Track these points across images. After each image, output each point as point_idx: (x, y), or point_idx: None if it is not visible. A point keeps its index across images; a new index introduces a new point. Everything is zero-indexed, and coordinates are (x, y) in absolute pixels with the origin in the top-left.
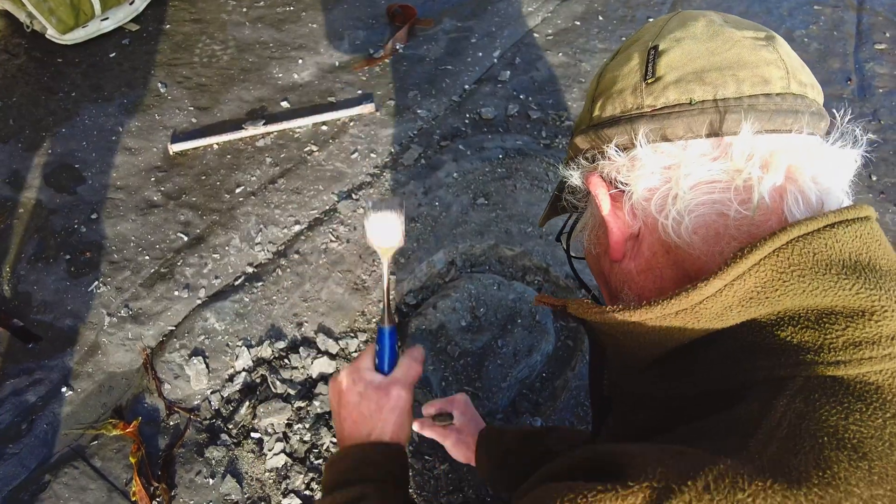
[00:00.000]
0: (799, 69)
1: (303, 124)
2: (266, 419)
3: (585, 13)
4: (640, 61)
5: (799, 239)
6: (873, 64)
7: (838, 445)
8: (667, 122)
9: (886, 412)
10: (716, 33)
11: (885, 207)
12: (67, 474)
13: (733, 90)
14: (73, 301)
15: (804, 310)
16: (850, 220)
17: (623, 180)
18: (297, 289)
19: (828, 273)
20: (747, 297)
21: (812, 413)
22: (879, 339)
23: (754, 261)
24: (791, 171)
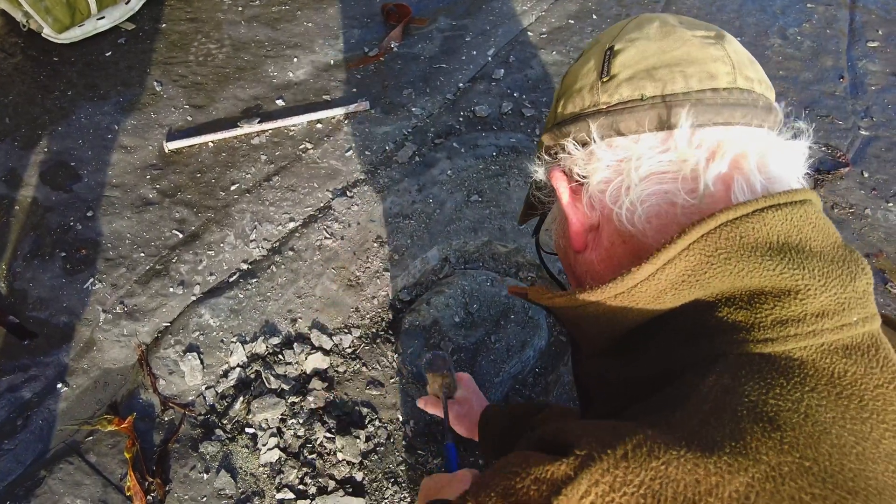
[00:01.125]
0: (746, 65)
1: (298, 122)
2: (260, 414)
3: (579, 12)
4: (597, 61)
5: (727, 224)
6: (866, 61)
7: (755, 418)
8: (619, 118)
9: (805, 386)
10: (668, 33)
11: (877, 204)
12: (63, 470)
13: (681, 86)
14: (69, 298)
15: (738, 291)
16: (782, 203)
17: (581, 173)
18: (292, 285)
19: (752, 255)
20: (679, 280)
21: (736, 388)
22: (804, 316)
23: (683, 245)
24: (737, 160)
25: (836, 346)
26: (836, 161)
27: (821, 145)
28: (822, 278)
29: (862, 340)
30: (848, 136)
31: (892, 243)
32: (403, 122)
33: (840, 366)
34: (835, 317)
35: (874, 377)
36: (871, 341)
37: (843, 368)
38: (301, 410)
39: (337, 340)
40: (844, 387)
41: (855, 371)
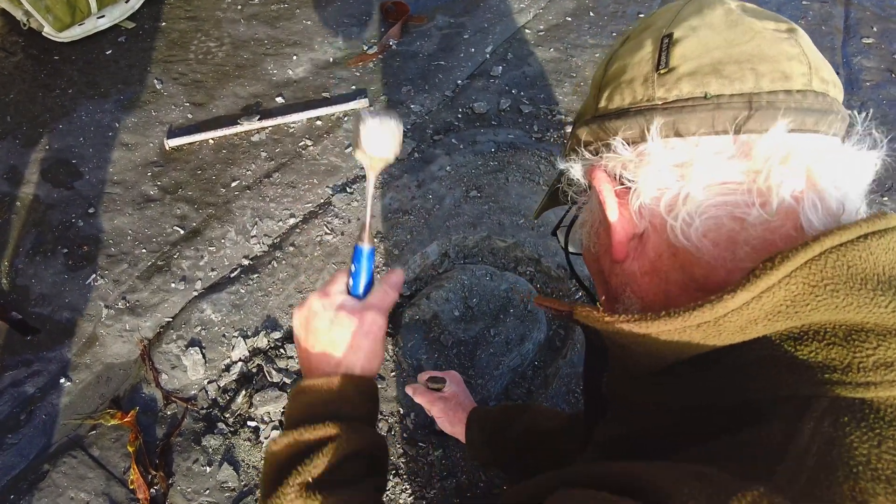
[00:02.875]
0: (821, 65)
1: (297, 119)
2: (262, 408)
3: (576, 9)
4: (652, 49)
5: (833, 250)
6: (861, 58)
7: (873, 476)
8: (679, 117)
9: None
10: (735, 22)
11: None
12: (66, 463)
13: (751, 85)
14: (71, 294)
15: (831, 325)
16: (882, 230)
17: (630, 177)
18: (293, 280)
19: (863, 288)
20: (775, 311)
21: (842, 439)
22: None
23: (785, 273)
24: (810, 174)
25: None
26: None
27: None
28: None
29: None
30: None
31: None
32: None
33: None
34: None
35: None
36: None
37: None
38: None
39: None
40: None
41: None
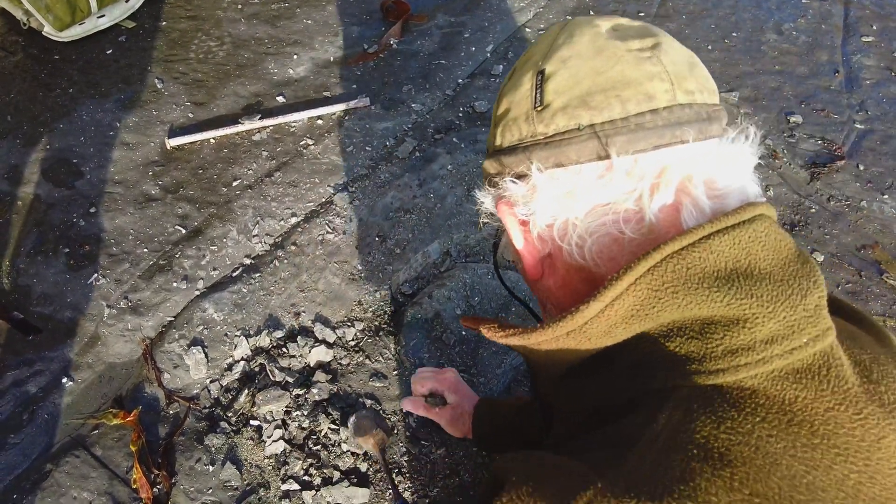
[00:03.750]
0: (685, 76)
1: (298, 118)
2: (265, 407)
3: (576, 8)
4: (530, 87)
5: (672, 255)
6: (860, 56)
7: (705, 456)
8: (558, 150)
9: (756, 416)
10: (600, 49)
11: (872, 196)
12: (69, 463)
13: (619, 111)
14: (73, 293)
15: (689, 321)
16: (729, 226)
17: (524, 210)
18: (295, 279)
19: (700, 287)
20: (628, 315)
21: (688, 424)
22: (754, 344)
23: (630, 281)
24: (683, 184)
25: (786, 371)
26: (831, 154)
27: (816, 139)
28: (770, 303)
29: (813, 361)
30: (843, 129)
31: (887, 234)
32: (403, 118)
33: (791, 392)
34: (784, 342)
35: (824, 400)
36: (822, 361)
37: (793, 394)
38: (305, 402)
39: (340, 333)
40: (795, 413)
41: (805, 396)
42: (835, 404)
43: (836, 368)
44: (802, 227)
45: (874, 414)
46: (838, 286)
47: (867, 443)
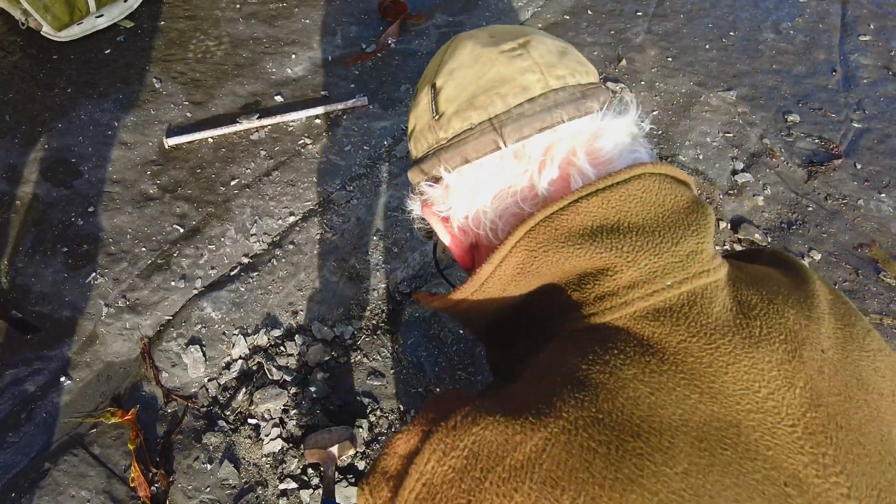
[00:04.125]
0: (555, 64)
1: (296, 118)
2: (262, 405)
3: (574, 7)
4: (427, 101)
5: (544, 220)
6: (858, 55)
7: (565, 382)
8: (459, 149)
9: (615, 349)
10: (478, 57)
11: (869, 195)
12: (67, 462)
13: (501, 106)
14: (71, 292)
15: (571, 275)
16: (600, 188)
17: (443, 208)
18: (292, 278)
19: (565, 245)
20: (515, 273)
21: (560, 358)
22: (617, 290)
23: (511, 245)
24: (568, 158)
25: (647, 311)
26: (829, 153)
27: (814, 138)
28: (630, 253)
29: (676, 301)
30: (841, 128)
31: (884, 233)
32: (401, 118)
33: (648, 329)
34: (645, 286)
35: (678, 334)
36: (687, 300)
37: (651, 331)
38: (303, 401)
39: (338, 332)
40: (651, 346)
41: (661, 331)
42: (687, 336)
43: (700, 306)
44: (800, 225)
45: (729, 343)
46: (835, 285)
47: (714, 368)
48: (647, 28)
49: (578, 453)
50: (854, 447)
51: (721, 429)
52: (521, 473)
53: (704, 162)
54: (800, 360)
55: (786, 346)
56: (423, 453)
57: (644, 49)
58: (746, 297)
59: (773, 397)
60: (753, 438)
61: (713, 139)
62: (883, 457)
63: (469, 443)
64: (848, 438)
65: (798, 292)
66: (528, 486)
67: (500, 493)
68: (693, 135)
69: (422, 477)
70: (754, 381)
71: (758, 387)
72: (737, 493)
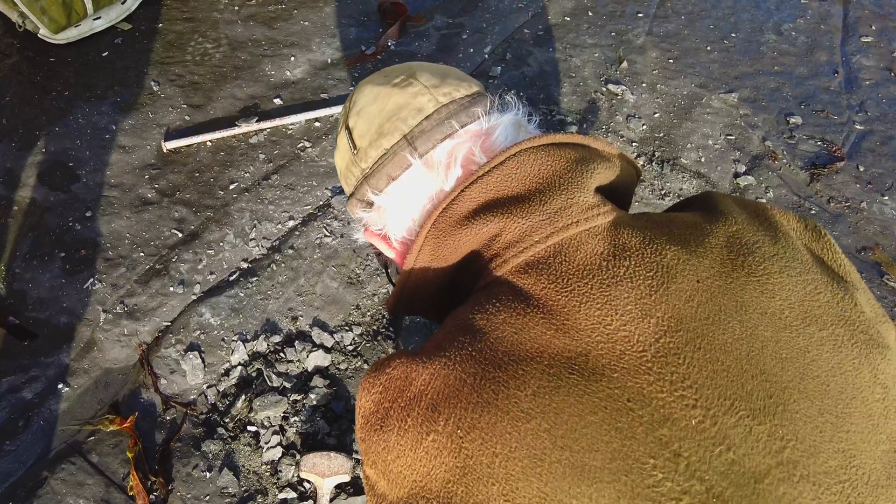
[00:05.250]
0: (439, 85)
1: (296, 121)
2: (262, 412)
3: (575, 9)
4: (346, 141)
5: (442, 212)
6: (860, 57)
7: (457, 329)
8: (381, 173)
9: (495, 299)
10: (377, 95)
11: (872, 197)
12: (65, 470)
13: (404, 128)
14: (69, 298)
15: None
16: (480, 176)
17: (379, 227)
18: (292, 283)
19: (456, 228)
20: (431, 258)
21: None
22: (500, 251)
23: (423, 236)
24: (468, 157)
25: (520, 266)
26: (831, 155)
27: (816, 140)
28: (503, 220)
29: (545, 254)
30: (843, 130)
31: (887, 236)
32: None
33: (521, 280)
34: (517, 245)
35: (541, 282)
36: (554, 251)
37: (522, 282)
38: (303, 408)
39: (338, 338)
40: (520, 294)
41: (529, 282)
42: (548, 284)
43: (563, 255)
44: None
45: (585, 286)
46: None
47: (568, 308)
48: (648, 29)
49: (453, 384)
50: (710, 364)
51: (571, 358)
52: (413, 402)
53: (706, 164)
54: (665, 292)
55: (651, 283)
56: (358, 393)
57: (645, 50)
58: (624, 241)
59: (625, 328)
60: (601, 364)
61: (715, 141)
62: (745, 369)
63: (383, 380)
64: (706, 357)
65: (691, 230)
66: (416, 412)
67: (399, 417)
68: (695, 137)
69: (360, 409)
70: (606, 315)
71: (609, 320)
72: (580, 409)
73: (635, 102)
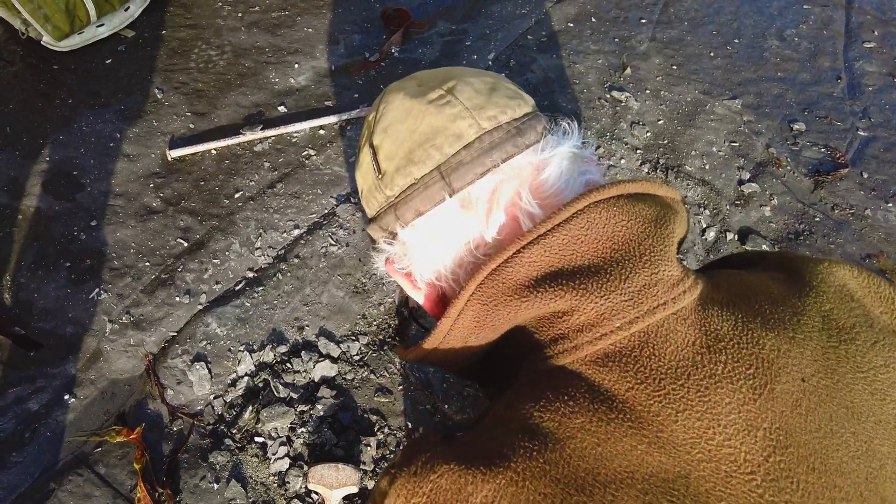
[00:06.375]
0: (484, 106)
1: (300, 129)
2: (269, 423)
3: (578, 15)
4: (369, 160)
5: (491, 274)
6: (863, 62)
7: (518, 430)
8: (409, 204)
9: (565, 396)
10: (408, 111)
11: (876, 204)
12: (72, 482)
13: (438, 157)
14: (74, 308)
15: (529, 320)
16: (541, 235)
17: (403, 264)
18: (298, 293)
19: (512, 298)
20: (473, 326)
21: (516, 403)
22: (568, 333)
23: (464, 300)
24: (514, 199)
25: (597, 355)
26: (835, 162)
27: (820, 146)
28: (576, 298)
29: (627, 343)
30: (846, 136)
31: (892, 244)
32: None
33: (597, 375)
34: (593, 329)
35: (626, 381)
36: (638, 341)
37: (600, 377)
38: (310, 418)
39: (344, 348)
40: (599, 393)
41: (609, 378)
42: (635, 384)
43: (652, 347)
44: (807, 236)
45: (681, 389)
46: None
47: (662, 417)
48: (652, 35)
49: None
50: (828, 490)
51: (668, 480)
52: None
53: (711, 172)
54: (769, 396)
55: (753, 382)
56: (389, 497)
57: (649, 57)
58: (716, 326)
59: (729, 444)
60: (704, 489)
61: (719, 148)
62: (865, 497)
63: (427, 490)
64: (821, 482)
65: (785, 306)
66: None
67: None
68: (699, 144)
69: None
70: (707, 427)
71: (711, 434)
72: None
73: (639, 109)
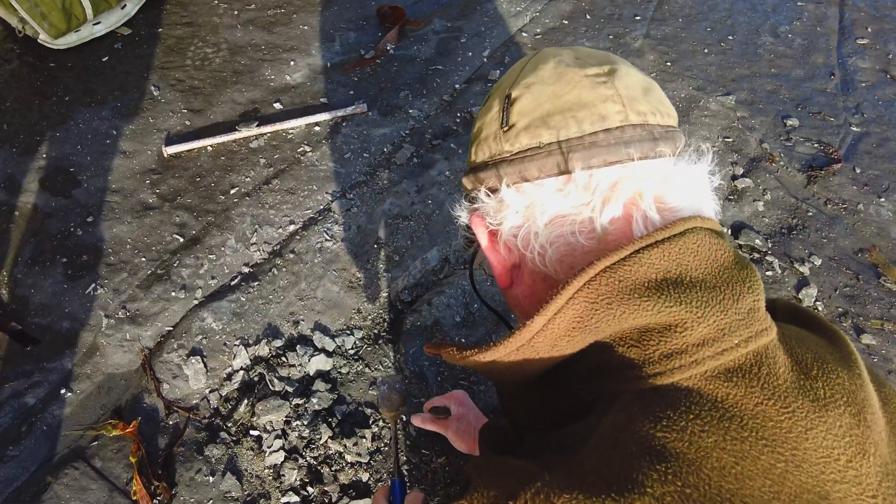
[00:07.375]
0: (638, 99)
1: (296, 125)
2: (265, 417)
3: (573, 12)
4: (498, 109)
5: (606, 270)
6: (856, 59)
7: (642, 452)
8: (523, 166)
9: (690, 413)
10: (560, 75)
11: (869, 199)
12: (68, 475)
13: (575, 130)
14: (71, 303)
15: (629, 330)
16: (660, 240)
17: (493, 221)
18: (293, 288)
19: (631, 298)
20: (570, 328)
21: (629, 425)
22: (686, 347)
23: (569, 295)
24: (634, 198)
25: (718, 371)
26: (828, 157)
27: (813, 142)
28: (699, 309)
29: (745, 361)
30: (840, 132)
31: (884, 238)
32: (401, 124)
33: (722, 390)
34: (715, 344)
35: (754, 396)
36: (755, 360)
37: (724, 392)
38: (305, 412)
39: (339, 342)
40: (726, 409)
41: (735, 393)
42: (763, 399)
43: (769, 366)
44: (800, 230)
45: (803, 408)
46: (836, 290)
47: (794, 434)
48: (646, 32)
49: None
50: None
51: (812, 501)
52: None
53: None
54: (865, 424)
55: (850, 409)
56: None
57: (643, 53)
58: (802, 356)
59: (851, 465)
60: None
61: (713, 144)
62: None
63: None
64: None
65: (836, 351)
66: None
67: None
68: (693, 140)
69: None
70: (833, 447)
71: (837, 454)
72: None
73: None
